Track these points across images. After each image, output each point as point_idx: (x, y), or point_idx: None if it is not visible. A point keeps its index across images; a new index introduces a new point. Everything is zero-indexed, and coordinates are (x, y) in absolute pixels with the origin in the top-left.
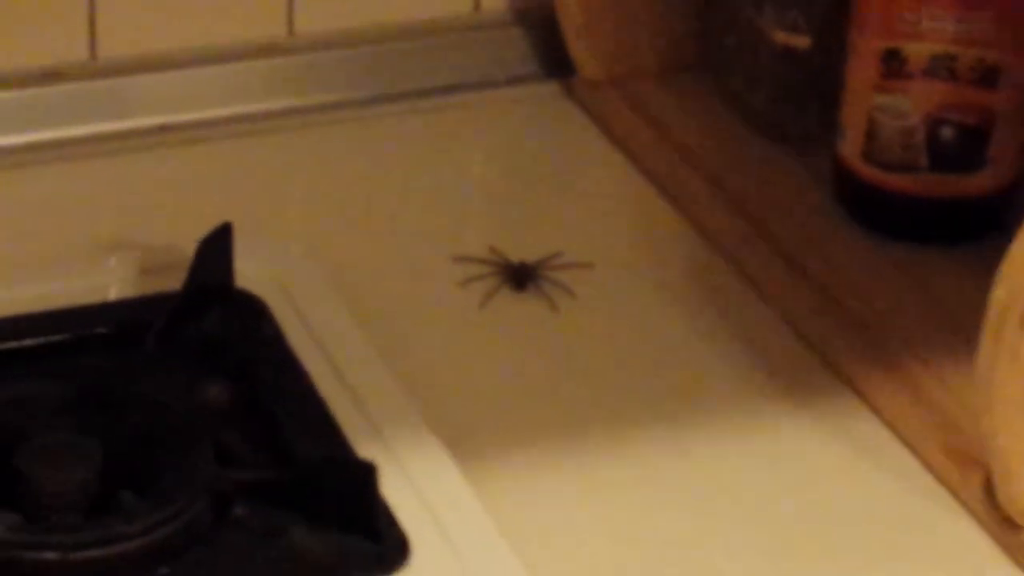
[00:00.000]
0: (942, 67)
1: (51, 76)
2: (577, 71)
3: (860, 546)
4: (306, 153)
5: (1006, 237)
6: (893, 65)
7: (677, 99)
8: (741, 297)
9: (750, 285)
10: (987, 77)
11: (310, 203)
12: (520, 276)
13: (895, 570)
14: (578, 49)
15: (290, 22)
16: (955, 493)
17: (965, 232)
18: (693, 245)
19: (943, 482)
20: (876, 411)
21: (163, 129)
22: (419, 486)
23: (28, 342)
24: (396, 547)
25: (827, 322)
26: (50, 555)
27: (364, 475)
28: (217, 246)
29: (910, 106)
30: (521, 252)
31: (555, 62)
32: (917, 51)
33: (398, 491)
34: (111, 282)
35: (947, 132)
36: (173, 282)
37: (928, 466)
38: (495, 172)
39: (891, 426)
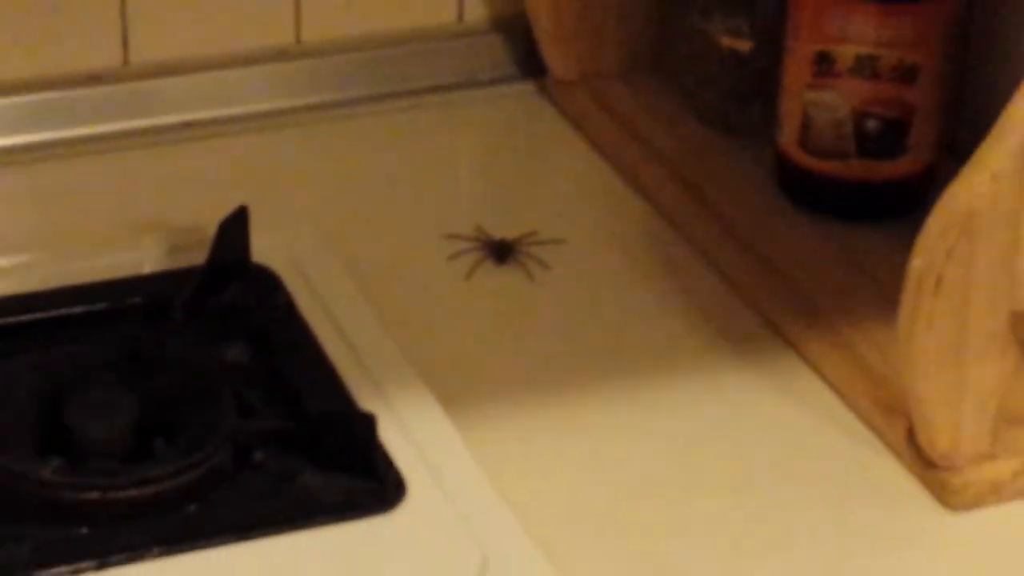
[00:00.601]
0: (866, 67)
1: (89, 79)
2: (549, 73)
3: (800, 484)
4: (313, 146)
5: (924, 214)
6: (823, 66)
7: (638, 97)
8: (693, 268)
9: (701, 258)
10: (906, 75)
11: (317, 189)
12: (501, 251)
13: (831, 503)
14: (550, 53)
15: (297, 31)
16: (882, 438)
17: (889, 210)
18: (651, 223)
19: (872, 428)
20: (812, 367)
21: (187, 125)
22: (413, 433)
23: (73, 310)
24: (393, 487)
25: (769, 290)
26: (91, 494)
27: (365, 425)
28: (235, 226)
29: (839, 101)
30: (502, 230)
31: (530, 65)
32: (844, 53)
33: (395, 438)
34: (144, 258)
35: (872, 124)
36: (198, 258)
37: (859, 415)
38: (479, 161)
39: (826, 380)
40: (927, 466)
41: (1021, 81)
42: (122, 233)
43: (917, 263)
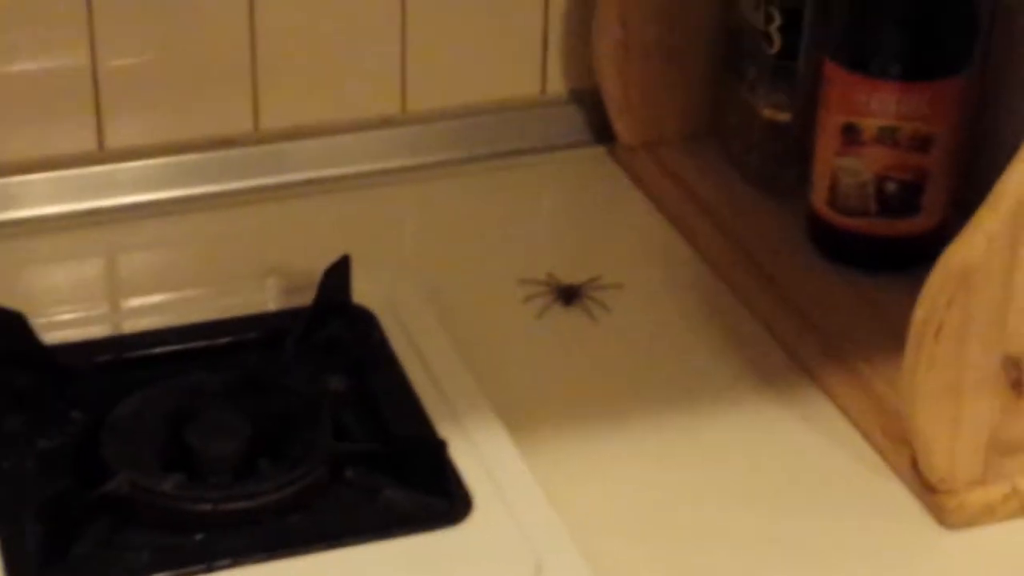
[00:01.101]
0: (887, 137)
1: (224, 143)
2: (617, 139)
3: (817, 502)
4: (413, 201)
5: None
6: (850, 135)
7: (693, 160)
8: (733, 311)
9: (740, 301)
10: (922, 144)
11: (415, 239)
12: (568, 295)
13: (843, 519)
14: (617, 122)
15: (403, 102)
16: (890, 463)
17: (905, 262)
18: (700, 271)
19: (881, 454)
20: (832, 400)
21: (308, 183)
22: (483, 456)
23: (201, 344)
24: (462, 503)
25: (798, 330)
26: (205, 506)
27: (437, 449)
28: (339, 272)
29: (863, 166)
30: (570, 276)
31: (601, 132)
32: (868, 125)
33: (466, 460)
34: (267, 298)
35: (891, 186)
36: (310, 298)
37: (870, 442)
38: (554, 214)
39: (843, 411)
40: (927, 489)
41: (1016, 154)
42: (248, 276)
43: (920, 313)
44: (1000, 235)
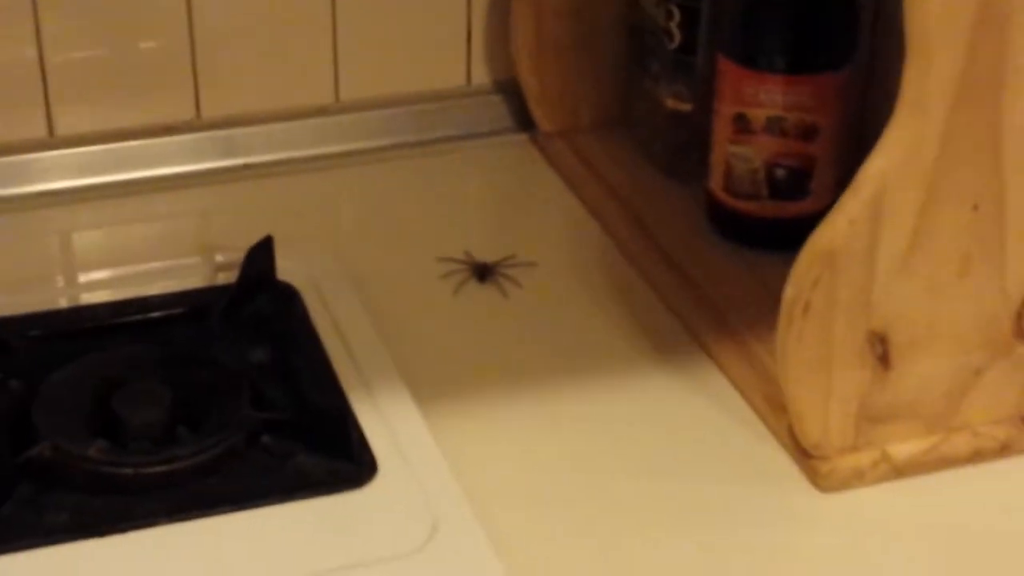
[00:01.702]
0: (775, 126)
1: (168, 129)
2: (536, 127)
3: (704, 465)
4: (345, 185)
5: None
6: (741, 125)
7: (605, 147)
8: (636, 287)
9: (643, 278)
10: (808, 133)
11: (344, 219)
12: (482, 272)
13: (728, 482)
14: (536, 111)
15: (336, 92)
16: (771, 429)
17: (793, 243)
18: (607, 250)
19: (764, 421)
20: (721, 369)
21: (246, 168)
22: (390, 424)
23: (134, 318)
24: (367, 468)
25: (691, 304)
26: (126, 470)
27: (343, 419)
28: (263, 251)
29: (754, 154)
30: (486, 254)
31: (522, 120)
32: (757, 115)
33: (375, 427)
34: (205, 275)
35: (780, 172)
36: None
37: (754, 409)
38: (476, 196)
39: (731, 380)
40: (803, 455)
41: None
42: (188, 254)
43: (789, 291)
44: (861, 219)
